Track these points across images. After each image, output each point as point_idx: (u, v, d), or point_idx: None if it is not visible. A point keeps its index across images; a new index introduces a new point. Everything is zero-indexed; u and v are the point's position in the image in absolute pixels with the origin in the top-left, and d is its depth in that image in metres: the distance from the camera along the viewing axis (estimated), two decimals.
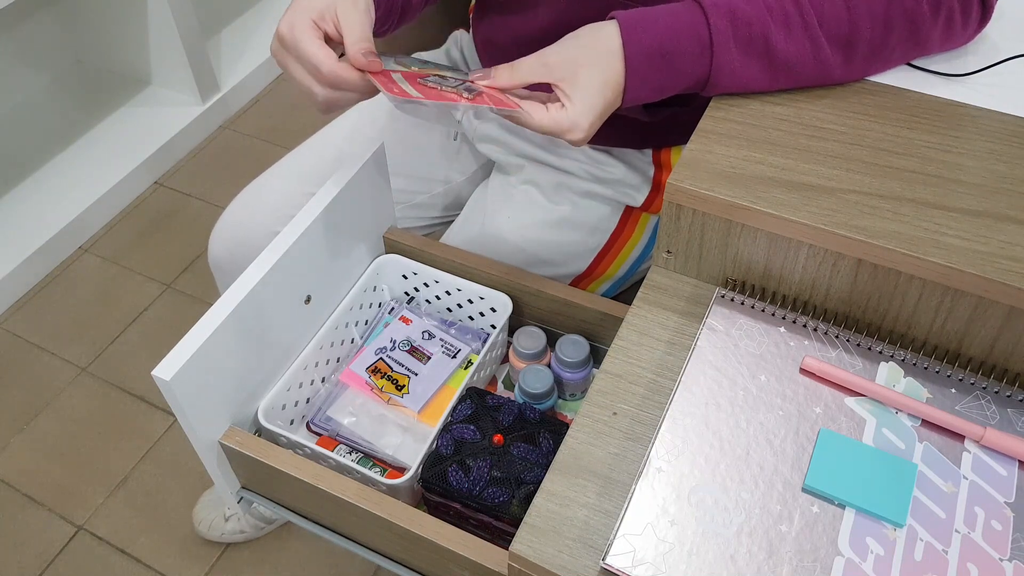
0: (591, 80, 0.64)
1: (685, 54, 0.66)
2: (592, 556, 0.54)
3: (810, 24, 0.66)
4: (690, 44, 0.65)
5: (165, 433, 1.44)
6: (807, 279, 0.64)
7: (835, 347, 0.63)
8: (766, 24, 0.65)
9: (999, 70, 0.72)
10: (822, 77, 0.69)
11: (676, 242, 0.68)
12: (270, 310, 0.74)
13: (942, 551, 0.52)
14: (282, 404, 0.79)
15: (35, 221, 1.70)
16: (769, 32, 0.66)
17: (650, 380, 0.63)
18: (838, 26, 0.66)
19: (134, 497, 1.37)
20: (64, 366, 1.54)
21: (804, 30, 0.66)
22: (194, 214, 1.82)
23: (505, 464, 0.70)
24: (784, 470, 0.56)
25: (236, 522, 1.27)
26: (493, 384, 0.87)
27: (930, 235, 0.59)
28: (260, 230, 0.96)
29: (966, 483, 0.56)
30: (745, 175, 0.64)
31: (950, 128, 0.67)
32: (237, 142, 1.99)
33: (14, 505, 1.36)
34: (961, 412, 0.59)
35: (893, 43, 0.69)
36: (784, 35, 0.66)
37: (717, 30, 0.65)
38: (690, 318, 0.67)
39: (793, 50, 0.66)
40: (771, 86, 0.69)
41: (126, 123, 1.92)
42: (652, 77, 0.66)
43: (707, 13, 0.65)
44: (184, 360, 0.65)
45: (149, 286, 1.68)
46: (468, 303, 0.87)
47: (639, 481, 0.56)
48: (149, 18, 1.83)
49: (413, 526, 0.66)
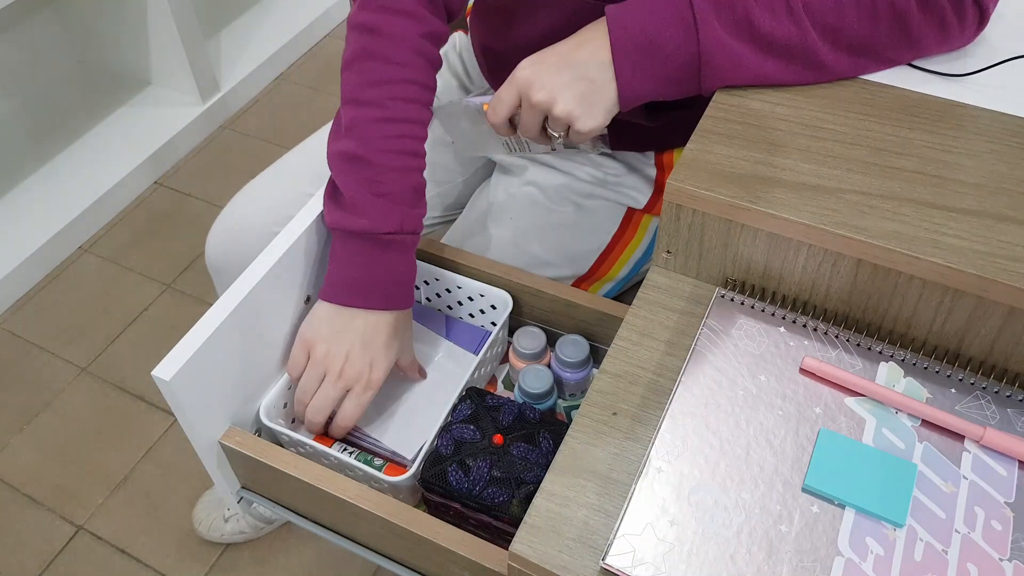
0: (557, 46, 0.70)
1: (670, 37, 0.67)
2: (592, 556, 0.54)
3: (794, 8, 0.66)
4: (674, 25, 0.66)
5: (165, 433, 1.44)
6: (807, 279, 0.64)
7: (835, 347, 0.63)
8: (748, 6, 0.66)
9: (999, 70, 0.72)
10: (813, 66, 0.69)
11: (676, 242, 0.68)
12: (270, 310, 0.74)
13: (942, 551, 0.52)
14: (283, 402, 0.79)
15: (35, 221, 1.70)
16: (752, 13, 0.66)
17: (650, 380, 0.63)
18: (823, 14, 0.67)
19: (134, 497, 1.36)
20: (64, 366, 1.54)
21: (788, 13, 0.67)
22: (194, 214, 1.82)
23: (505, 464, 0.70)
24: (784, 470, 0.56)
25: (236, 523, 1.27)
26: (493, 384, 0.87)
27: (930, 235, 0.59)
28: (258, 230, 0.96)
29: (966, 483, 0.56)
30: (745, 175, 0.64)
31: (950, 128, 0.67)
32: (237, 142, 1.99)
33: (14, 505, 1.36)
34: (961, 412, 0.59)
35: (881, 35, 0.68)
36: (768, 17, 0.67)
37: (700, 10, 0.66)
38: (690, 318, 0.67)
39: (780, 32, 0.67)
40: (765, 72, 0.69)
41: (126, 123, 1.92)
42: (641, 62, 0.67)
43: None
44: (184, 360, 0.65)
45: (149, 286, 1.68)
46: (468, 300, 0.87)
47: (639, 481, 0.56)
48: (149, 18, 1.84)
49: (413, 526, 0.66)
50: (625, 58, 0.67)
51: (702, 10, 0.66)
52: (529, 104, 0.70)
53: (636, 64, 0.67)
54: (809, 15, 0.67)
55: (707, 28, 0.66)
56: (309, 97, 2.11)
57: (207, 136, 1.99)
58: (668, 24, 0.66)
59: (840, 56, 0.69)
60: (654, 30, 0.67)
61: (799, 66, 0.69)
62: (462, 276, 0.85)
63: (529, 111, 0.71)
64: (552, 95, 0.69)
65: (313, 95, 2.12)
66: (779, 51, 0.68)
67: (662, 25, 0.67)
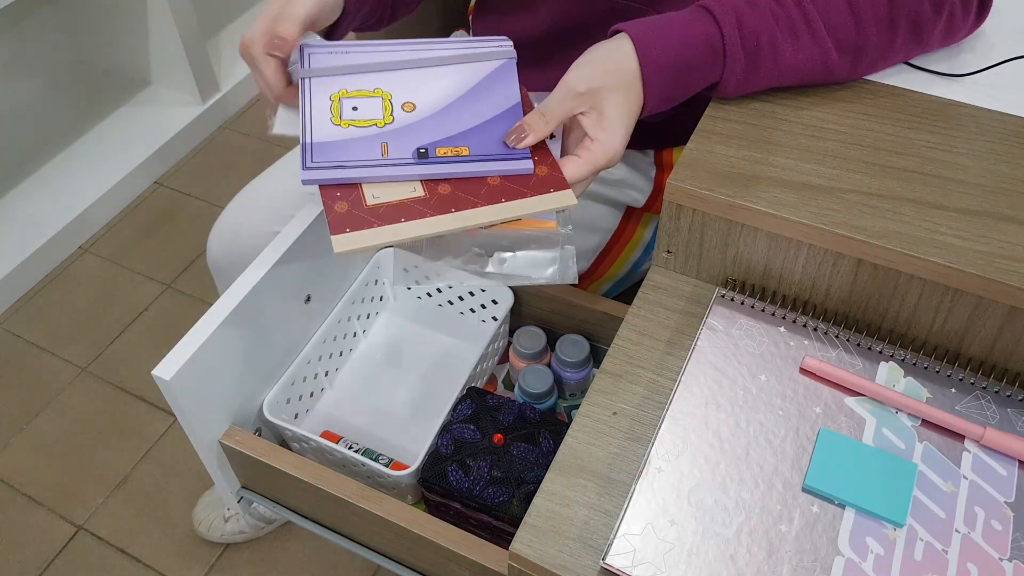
0: (618, 106, 0.64)
1: (699, 66, 0.65)
2: (592, 556, 0.54)
3: (817, 31, 0.66)
4: (704, 55, 0.65)
5: (165, 433, 1.44)
6: (807, 279, 0.64)
7: (835, 347, 0.63)
8: (773, 34, 0.65)
9: (999, 70, 0.72)
10: (826, 79, 0.69)
11: (676, 242, 0.68)
12: (270, 310, 0.74)
13: (942, 551, 0.52)
14: (286, 399, 0.79)
15: (35, 221, 1.70)
16: (776, 42, 0.65)
17: (650, 380, 0.63)
18: (845, 32, 0.66)
19: (134, 497, 1.36)
20: (64, 366, 1.54)
21: (811, 36, 0.66)
22: (194, 214, 1.82)
23: (505, 464, 0.70)
24: (784, 470, 0.56)
25: (236, 523, 1.27)
26: (493, 384, 0.87)
27: (930, 235, 0.59)
28: (259, 230, 0.96)
29: (966, 483, 0.56)
30: (745, 175, 0.64)
31: (950, 128, 0.67)
32: (237, 142, 1.99)
33: (14, 505, 1.36)
34: (961, 412, 0.59)
35: (898, 45, 0.69)
36: (792, 44, 0.65)
37: (730, 41, 0.64)
38: (690, 318, 0.67)
39: (802, 58, 0.66)
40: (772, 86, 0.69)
41: (126, 123, 1.92)
42: (667, 91, 0.65)
43: (720, 23, 0.64)
44: (184, 360, 0.65)
45: (149, 286, 1.68)
46: (469, 295, 0.87)
47: (639, 481, 0.56)
48: (149, 18, 1.83)
49: (413, 526, 0.66)
50: (652, 92, 0.65)
51: (732, 40, 0.64)
52: (596, 171, 0.66)
53: (661, 94, 0.65)
54: (831, 34, 0.66)
55: (733, 59, 0.65)
56: None
57: (207, 136, 1.99)
58: (697, 51, 0.65)
59: (856, 69, 0.69)
60: (685, 61, 0.65)
61: (813, 82, 0.69)
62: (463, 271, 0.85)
63: (591, 174, 0.67)
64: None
65: None
66: (797, 74, 0.68)
67: (692, 54, 0.65)
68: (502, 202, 0.63)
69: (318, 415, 0.84)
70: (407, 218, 0.61)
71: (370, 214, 0.61)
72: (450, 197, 0.63)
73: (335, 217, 0.61)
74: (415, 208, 0.62)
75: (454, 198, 0.63)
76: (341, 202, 0.62)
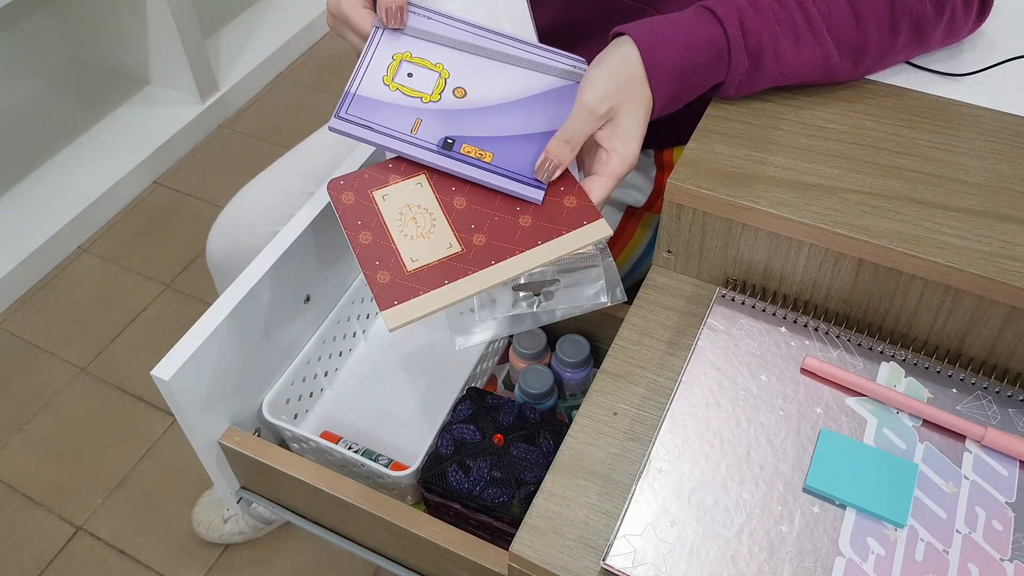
0: (633, 116, 0.64)
1: (704, 68, 0.65)
2: (592, 556, 0.54)
3: (818, 32, 0.66)
4: (708, 57, 0.65)
5: (165, 433, 1.44)
6: (808, 279, 0.64)
7: (836, 347, 0.63)
8: (775, 35, 0.65)
9: (999, 70, 0.72)
10: (827, 79, 0.69)
11: (677, 242, 0.68)
12: (269, 310, 0.74)
13: (943, 551, 0.52)
14: (285, 399, 0.79)
15: (34, 221, 1.70)
16: (778, 42, 0.65)
17: (650, 380, 0.63)
18: (846, 32, 0.66)
19: (133, 497, 1.36)
20: (63, 366, 1.54)
21: (813, 37, 0.66)
22: (193, 214, 1.81)
23: (505, 464, 0.70)
24: (785, 470, 0.56)
25: (235, 523, 1.27)
26: (493, 384, 0.87)
27: (931, 234, 0.59)
28: (258, 230, 0.95)
29: (967, 483, 0.56)
30: (746, 174, 0.64)
31: (951, 127, 0.67)
32: (236, 142, 1.99)
33: (14, 505, 1.36)
34: (962, 412, 0.59)
35: (900, 45, 0.69)
36: (793, 44, 0.65)
37: (734, 42, 0.64)
38: (690, 318, 0.66)
39: (804, 58, 0.66)
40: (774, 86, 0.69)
41: (126, 122, 1.92)
42: (674, 94, 0.66)
43: (723, 24, 0.64)
44: (183, 360, 0.65)
45: (148, 286, 1.67)
46: None
47: (639, 481, 0.56)
48: (149, 18, 1.83)
49: (413, 526, 0.66)
50: (660, 97, 0.65)
51: (736, 42, 0.64)
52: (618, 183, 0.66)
53: (667, 98, 0.66)
54: (832, 35, 0.66)
55: (736, 61, 0.65)
56: (309, 96, 2.11)
57: (206, 135, 1.99)
58: (702, 54, 0.65)
59: (858, 70, 0.69)
60: (690, 64, 0.65)
61: (814, 82, 0.69)
62: None
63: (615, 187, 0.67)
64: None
65: (312, 94, 2.12)
66: (798, 75, 0.68)
67: (697, 57, 0.65)
68: (538, 245, 0.62)
69: (317, 415, 0.84)
70: (450, 279, 0.61)
71: (413, 280, 0.60)
72: (487, 248, 0.62)
73: (380, 290, 0.60)
74: (456, 266, 0.61)
75: (491, 249, 0.62)
76: (383, 272, 0.61)
